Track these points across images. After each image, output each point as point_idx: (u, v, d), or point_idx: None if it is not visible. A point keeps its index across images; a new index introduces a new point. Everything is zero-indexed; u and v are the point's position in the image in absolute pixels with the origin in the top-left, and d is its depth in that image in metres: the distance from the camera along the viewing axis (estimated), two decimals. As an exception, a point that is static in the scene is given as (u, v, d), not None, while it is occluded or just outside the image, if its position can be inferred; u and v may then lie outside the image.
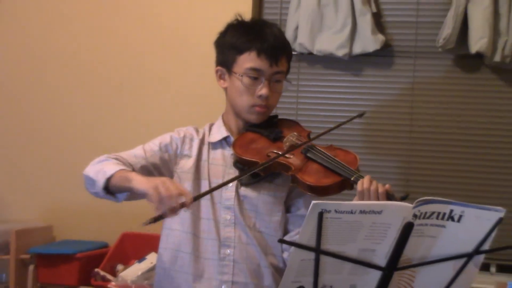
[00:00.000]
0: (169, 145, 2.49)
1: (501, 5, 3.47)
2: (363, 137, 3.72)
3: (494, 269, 3.60)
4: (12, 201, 4.10)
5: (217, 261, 2.40)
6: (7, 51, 4.12)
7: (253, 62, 2.40)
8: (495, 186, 3.61)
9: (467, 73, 3.66)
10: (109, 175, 2.25)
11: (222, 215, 2.42)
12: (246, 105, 2.44)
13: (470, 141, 3.64)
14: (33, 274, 3.74)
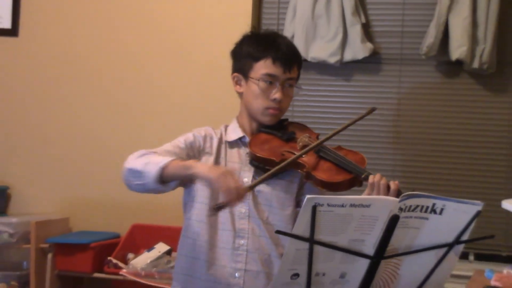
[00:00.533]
0: (193, 143, 2.47)
1: (479, 16, 3.47)
2: (353, 137, 3.71)
3: (472, 258, 3.62)
4: (32, 196, 4.10)
5: (231, 251, 2.39)
6: (28, 60, 4.11)
7: (268, 69, 2.40)
8: (474, 181, 3.61)
9: (448, 78, 3.66)
10: (163, 165, 2.21)
11: (238, 208, 2.40)
12: (261, 107, 2.44)
13: (451, 140, 3.65)
14: (52, 262, 3.75)
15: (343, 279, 1.96)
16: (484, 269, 2.51)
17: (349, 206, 1.81)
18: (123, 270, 3.55)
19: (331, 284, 1.96)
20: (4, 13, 4.13)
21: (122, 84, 4.00)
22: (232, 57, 2.55)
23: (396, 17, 3.73)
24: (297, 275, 1.91)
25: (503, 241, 3.54)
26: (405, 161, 3.70)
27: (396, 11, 3.73)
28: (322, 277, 1.94)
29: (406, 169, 3.68)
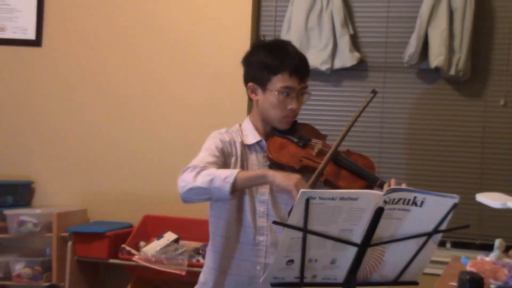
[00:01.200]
0: (223, 149, 2.38)
1: (455, 28, 3.47)
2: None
3: (449, 245, 3.62)
4: (54, 189, 4.09)
5: (252, 246, 2.37)
6: (50, 68, 4.11)
7: (286, 82, 2.34)
8: (450, 177, 3.61)
9: (427, 84, 3.66)
10: (232, 180, 2.15)
11: (257, 207, 2.39)
12: (279, 117, 2.38)
13: (430, 140, 3.65)
14: (71, 249, 3.74)
15: (334, 264, 1.95)
16: (460, 256, 2.51)
17: (339, 199, 1.80)
18: (135, 257, 3.55)
19: (323, 269, 1.95)
20: (29, 26, 4.12)
21: (135, 89, 3.99)
22: (244, 65, 2.47)
23: (380, 29, 3.72)
24: (292, 261, 1.91)
25: (477, 230, 3.54)
26: (389, 159, 3.69)
27: (380, 24, 3.72)
28: (315, 263, 1.93)
29: (390, 166, 3.68)
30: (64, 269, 3.74)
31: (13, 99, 4.16)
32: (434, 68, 3.49)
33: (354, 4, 3.75)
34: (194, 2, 3.91)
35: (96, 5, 4.05)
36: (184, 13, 3.92)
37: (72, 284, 3.73)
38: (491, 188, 3.21)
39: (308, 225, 1.83)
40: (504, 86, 3.57)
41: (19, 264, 3.81)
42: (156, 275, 3.51)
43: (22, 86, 4.15)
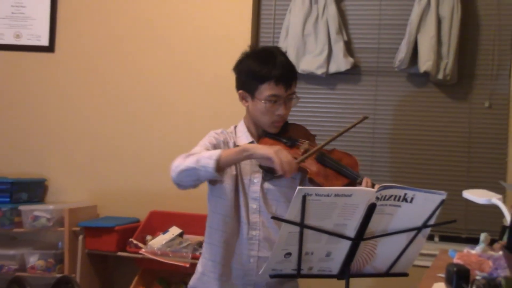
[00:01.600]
0: (216, 145, 2.38)
1: (443, 35, 3.47)
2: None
3: (437, 239, 3.62)
4: (65, 187, 4.09)
5: (246, 240, 2.37)
6: (63, 72, 4.11)
7: (272, 90, 2.31)
8: (438, 175, 3.60)
9: (417, 88, 3.65)
10: (216, 156, 2.15)
11: (250, 204, 2.38)
12: (267, 122, 2.37)
13: (420, 140, 3.64)
14: (82, 243, 3.75)
15: (329, 257, 1.95)
16: (448, 249, 2.50)
17: (334, 196, 1.81)
18: (142, 250, 3.55)
19: (318, 261, 1.95)
20: (43, 33, 4.12)
21: (141, 92, 3.99)
22: (235, 73, 2.45)
23: (373, 35, 3.72)
24: (290, 254, 1.91)
25: (463, 225, 3.53)
26: (381, 157, 3.69)
27: (373, 31, 3.72)
28: (311, 256, 1.93)
29: (382, 164, 3.68)
30: (75, 261, 3.74)
31: (28, 102, 4.16)
32: (423, 72, 3.48)
33: (348, 12, 3.74)
34: (196, 12, 3.91)
35: (105, 14, 4.06)
36: (187, 22, 3.92)
37: (83, 276, 3.73)
38: (477, 185, 3.20)
39: (305, 220, 1.83)
40: (488, 89, 3.56)
41: (33, 256, 3.81)
42: (161, 267, 3.51)
43: (36, 89, 4.15)
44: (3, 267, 3.81)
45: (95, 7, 4.07)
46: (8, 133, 4.18)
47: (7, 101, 4.18)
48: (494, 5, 3.55)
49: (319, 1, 3.64)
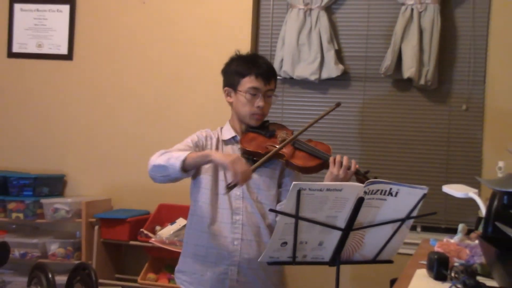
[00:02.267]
0: (198, 142, 2.45)
1: (425, 44, 3.46)
2: (329, 137, 3.70)
3: (420, 229, 3.61)
4: (83, 182, 4.09)
5: (230, 225, 2.37)
6: (80, 78, 4.10)
7: (253, 83, 2.39)
8: (420, 171, 3.60)
9: (401, 92, 3.64)
10: (183, 158, 2.22)
11: (234, 191, 2.37)
12: (248, 113, 2.42)
13: (404, 139, 3.64)
14: (98, 232, 3.74)
15: (321, 246, 1.95)
16: (429, 239, 2.50)
17: (326, 190, 1.81)
18: (152, 239, 3.56)
19: (312, 250, 1.95)
20: (62, 43, 4.12)
21: (151, 96, 3.98)
22: (222, 74, 2.53)
23: (361, 45, 3.70)
24: (286, 243, 1.90)
25: (443, 216, 3.53)
26: (368, 155, 3.68)
27: (361, 41, 3.70)
28: (305, 245, 1.93)
29: (369, 162, 3.67)
30: (91, 249, 3.74)
31: (49, 105, 4.15)
32: (407, 78, 3.48)
33: (338, 23, 3.73)
34: (202, 24, 3.89)
35: (117, 26, 4.04)
36: (194, 33, 3.91)
37: (99, 262, 3.73)
38: (455, 181, 3.20)
39: (300, 212, 1.83)
40: (465, 93, 3.56)
41: (54, 244, 3.81)
42: (169, 255, 3.50)
43: (56, 93, 4.14)
44: (27, 254, 3.81)
45: (109, 19, 4.06)
46: (31, 133, 4.17)
47: (30, 104, 4.18)
48: (470, 18, 3.55)
49: (312, 14, 3.63)
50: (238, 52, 2.56)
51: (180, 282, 2.49)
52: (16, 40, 4.21)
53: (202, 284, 2.41)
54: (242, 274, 2.39)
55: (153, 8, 3.98)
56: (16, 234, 3.96)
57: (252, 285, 2.41)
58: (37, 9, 4.17)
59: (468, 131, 3.55)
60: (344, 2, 3.72)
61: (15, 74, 4.21)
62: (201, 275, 2.41)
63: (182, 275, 2.48)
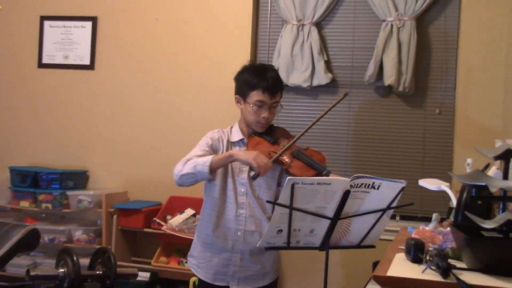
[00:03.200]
0: (212, 145, 2.42)
1: (403, 56, 3.46)
2: (318, 137, 3.69)
3: (398, 218, 3.61)
4: (103, 176, 4.09)
5: (235, 217, 2.38)
6: (102, 86, 4.10)
7: (259, 97, 2.34)
8: (400, 167, 3.59)
9: (382, 98, 3.64)
10: (209, 163, 2.22)
11: (238, 188, 2.39)
12: (254, 122, 2.39)
13: (385, 139, 3.63)
14: (116, 221, 3.74)
15: (312, 233, 1.95)
16: (407, 226, 2.50)
17: (317, 184, 1.81)
18: (163, 227, 3.55)
19: (304, 236, 1.95)
20: (85, 54, 4.11)
21: (162, 101, 3.97)
22: (235, 81, 2.47)
23: (347, 56, 3.69)
24: (281, 231, 1.90)
25: (419, 207, 3.52)
26: (354, 153, 3.67)
27: (347, 52, 3.69)
28: (298, 232, 1.93)
29: (354, 159, 3.66)
30: (111, 236, 3.74)
31: (74, 109, 4.15)
32: (387, 85, 3.47)
33: (328, 37, 3.72)
34: (206, 38, 3.88)
35: (133, 40, 4.03)
36: (199, 46, 3.90)
37: (117, 247, 3.73)
38: (430, 175, 3.19)
39: (293, 204, 1.82)
40: (438, 99, 3.55)
41: (78, 231, 3.82)
42: (179, 240, 3.49)
43: (80, 99, 4.13)
44: (54, 239, 3.82)
45: (126, 34, 4.05)
46: (58, 134, 4.16)
47: (57, 109, 4.17)
48: (442, 33, 3.55)
49: (304, 29, 3.63)
50: (251, 61, 2.52)
51: (190, 265, 2.51)
52: (45, 52, 4.21)
53: (209, 268, 2.42)
54: (244, 261, 2.40)
55: (164, 24, 3.98)
56: (45, 222, 3.96)
57: (252, 269, 2.42)
58: (64, 25, 4.17)
59: (441, 132, 3.55)
60: (332, 19, 3.71)
61: (45, 82, 4.21)
62: (208, 261, 2.42)
63: (192, 259, 2.50)
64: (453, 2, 3.53)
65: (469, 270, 1.46)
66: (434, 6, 3.54)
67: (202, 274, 2.43)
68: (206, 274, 2.42)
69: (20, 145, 4.23)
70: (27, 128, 4.22)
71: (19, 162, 4.14)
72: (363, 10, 3.65)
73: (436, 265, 1.45)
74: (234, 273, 2.39)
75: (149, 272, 3.59)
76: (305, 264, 3.63)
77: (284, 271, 3.70)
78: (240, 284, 2.40)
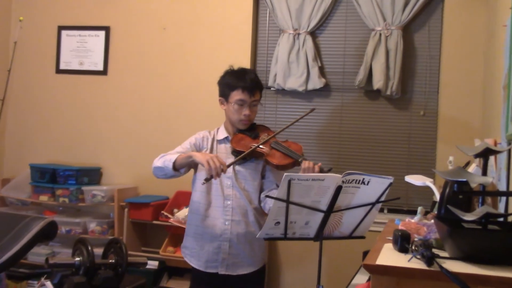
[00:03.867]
0: (195, 143, 2.47)
1: (390, 62, 3.46)
2: (313, 137, 3.69)
3: (386, 211, 3.60)
4: (115, 173, 4.08)
5: (222, 208, 2.39)
6: (114, 90, 4.09)
7: (239, 96, 2.38)
8: (387, 164, 3.59)
9: (371, 101, 3.63)
10: (174, 159, 2.25)
11: (225, 181, 2.40)
12: (237, 120, 2.42)
13: (374, 139, 3.62)
14: (127, 214, 3.73)
15: (307, 225, 1.94)
16: (394, 219, 2.49)
17: (311, 180, 1.81)
18: (170, 219, 3.55)
19: (300, 228, 1.94)
20: (99, 61, 4.10)
21: (168, 106, 3.96)
22: (218, 84, 2.50)
23: (339, 63, 3.69)
24: (278, 223, 1.90)
25: (405, 201, 3.52)
26: (345, 151, 3.67)
27: (339, 59, 3.69)
28: (294, 224, 1.92)
29: (347, 157, 3.66)
30: (122, 227, 3.73)
31: (88, 111, 4.14)
32: (376, 89, 3.47)
33: (321, 45, 3.72)
34: (210, 48, 3.87)
35: (143, 48, 4.03)
36: (204, 54, 3.89)
37: (128, 238, 3.72)
38: (415, 172, 3.21)
39: (290, 198, 1.82)
40: (423, 102, 3.55)
41: (92, 223, 3.81)
42: (184, 232, 3.48)
43: (94, 102, 4.13)
44: (71, 231, 3.81)
45: (136, 42, 4.04)
46: (74, 134, 4.16)
47: (73, 111, 4.16)
48: (426, 41, 3.54)
49: (299, 37, 3.62)
50: (232, 66, 2.54)
51: (184, 255, 2.52)
52: (63, 59, 4.20)
53: (201, 256, 2.43)
54: (233, 248, 2.40)
55: (171, 33, 3.97)
56: (62, 215, 3.95)
57: (240, 256, 2.42)
58: (79, 34, 4.16)
59: (425, 132, 3.54)
60: (326, 28, 3.71)
61: (62, 86, 4.20)
62: (200, 250, 2.43)
63: (185, 249, 2.51)
64: (436, 13, 3.53)
65: (451, 259, 1.46)
66: (419, 17, 3.54)
67: (195, 262, 2.45)
68: (199, 262, 2.43)
69: (39, 144, 4.22)
70: (46, 129, 4.22)
71: (38, 160, 4.14)
72: (353, 20, 3.65)
73: (421, 254, 1.44)
74: (223, 259, 2.39)
75: (157, 261, 3.59)
76: (301, 253, 3.63)
77: (281, 260, 3.69)
78: (228, 270, 2.40)
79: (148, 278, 3.50)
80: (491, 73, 2.97)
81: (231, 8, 3.84)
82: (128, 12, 4.06)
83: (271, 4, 3.71)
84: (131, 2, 4.06)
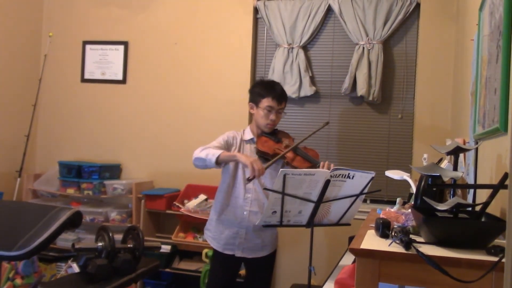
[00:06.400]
0: (227, 141, 2.43)
1: (372, 72, 3.45)
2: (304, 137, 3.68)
3: (369, 202, 3.59)
4: (133, 169, 4.06)
5: (243, 200, 2.38)
6: (132, 97, 4.07)
7: (269, 103, 2.38)
8: (370, 161, 3.58)
9: (356, 106, 3.62)
10: (218, 155, 2.21)
11: (246, 176, 2.38)
12: (264, 123, 2.41)
13: (358, 140, 3.61)
14: (144, 204, 3.71)
15: (300, 214, 1.94)
16: (376, 208, 2.48)
17: (303, 175, 1.80)
18: (181, 209, 3.53)
19: (293, 216, 1.94)
20: (118, 71, 4.08)
21: (181, 110, 3.95)
22: (249, 92, 2.50)
23: (327, 73, 3.67)
24: (275, 212, 1.89)
25: (385, 192, 3.51)
26: (333, 150, 3.66)
27: (327, 69, 3.67)
28: (289, 213, 1.91)
29: (333, 155, 3.65)
30: (139, 216, 3.72)
31: (110, 115, 4.13)
32: (360, 96, 3.46)
33: (312, 57, 3.71)
34: (217, 61, 3.86)
35: (158, 60, 4.01)
36: (212, 66, 3.88)
37: (145, 225, 3.70)
38: (394, 167, 3.20)
39: (285, 190, 1.81)
40: (400, 106, 3.54)
41: (113, 213, 3.79)
42: (194, 220, 3.49)
43: (115, 107, 4.11)
44: (94, 219, 3.80)
45: (151, 55, 4.03)
46: (97, 135, 4.14)
47: (96, 115, 4.15)
48: (403, 54, 3.53)
49: (293, 51, 3.61)
50: (262, 77, 2.56)
51: (206, 236, 2.52)
52: (87, 70, 4.19)
53: (221, 239, 2.43)
54: (249, 234, 2.40)
55: (182, 48, 3.96)
56: (87, 205, 3.94)
57: (254, 241, 2.42)
58: (101, 48, 4.15)
59: (403, 133, 3.53)
60: (316, 43, 3.69)
61: (86, 93, 4.18)
62: (220, 233, 2.42)
63: (208, 232, 2.50)
64: (412, 29, 3.52)
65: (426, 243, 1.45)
66: (397, 33, 3.53)
67: (215, 244, 2.45)
68: (218, 244, 2.43)
69: (67, 144, 4.21)
70: (72, 131, 4.20)
71: (66, 158, 4.13)
72: (340, 36, 3.64)
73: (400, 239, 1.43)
74: (240, 244, 2.40)
75: (170, 245, 3.58)
76: (295, 238, 3.62)
77: (277, 245, 3.68)
78: (244, 253, 2.40)
79: (162, 260, 3.49)
80: (460, 82, 2.96)
81: (234, 26, 3.83)
82: (144, 29, 4.05)
83: (268, 22, 3.70)
84: (147, 21, 4.05)
